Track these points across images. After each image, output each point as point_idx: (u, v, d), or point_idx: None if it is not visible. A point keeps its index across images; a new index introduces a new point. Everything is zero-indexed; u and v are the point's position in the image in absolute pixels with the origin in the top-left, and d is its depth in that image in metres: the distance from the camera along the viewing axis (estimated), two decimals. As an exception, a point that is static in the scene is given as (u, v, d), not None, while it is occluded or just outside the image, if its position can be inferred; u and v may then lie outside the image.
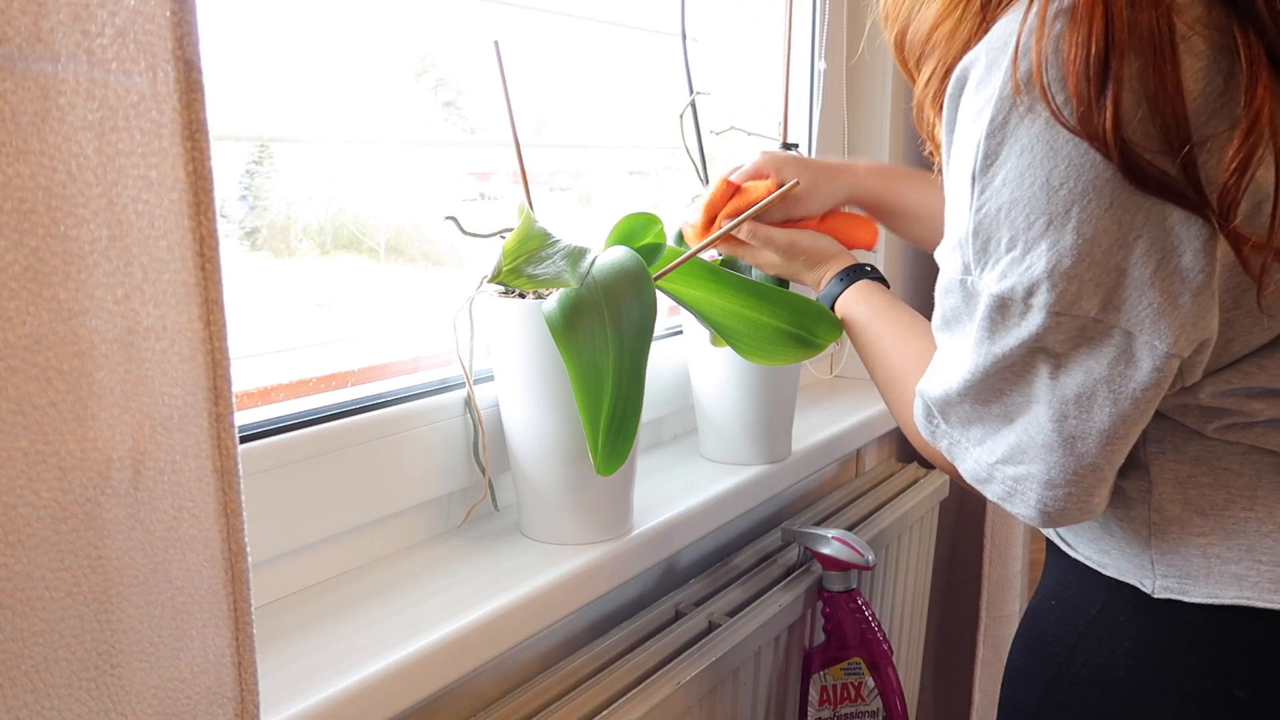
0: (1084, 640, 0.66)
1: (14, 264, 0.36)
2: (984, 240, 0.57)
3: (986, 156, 0.56)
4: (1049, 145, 0.54)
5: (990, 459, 0.62)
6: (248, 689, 0.47)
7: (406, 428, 0.76)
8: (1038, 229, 0.55)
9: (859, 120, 1.35)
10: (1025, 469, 0.59)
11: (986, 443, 0.62)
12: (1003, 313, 0.57)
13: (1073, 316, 0.55)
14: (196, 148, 0.41)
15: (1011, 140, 0.55)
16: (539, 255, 0.71)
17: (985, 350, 0.59)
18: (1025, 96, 0.54)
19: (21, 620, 0.38)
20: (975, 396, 0.61)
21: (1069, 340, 0.56)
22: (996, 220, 0.56)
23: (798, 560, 1.05)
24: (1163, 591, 0.62)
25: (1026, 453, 0.59)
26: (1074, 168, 0.53)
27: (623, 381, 0.67)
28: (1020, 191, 0.55)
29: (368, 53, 0.80)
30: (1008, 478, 0.61)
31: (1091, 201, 0.53)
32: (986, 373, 0.59)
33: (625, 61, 1.07)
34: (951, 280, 0.61)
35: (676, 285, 0.80)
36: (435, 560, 0.76)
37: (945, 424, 0.64)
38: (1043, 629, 0.70)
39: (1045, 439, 0.58)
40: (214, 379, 0.44)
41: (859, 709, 1.04)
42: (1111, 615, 0.65)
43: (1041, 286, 0.55)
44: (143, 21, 0.39)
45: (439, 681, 0.64)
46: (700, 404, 0.99)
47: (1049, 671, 0.68)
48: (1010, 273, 0.56)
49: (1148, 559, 0.62)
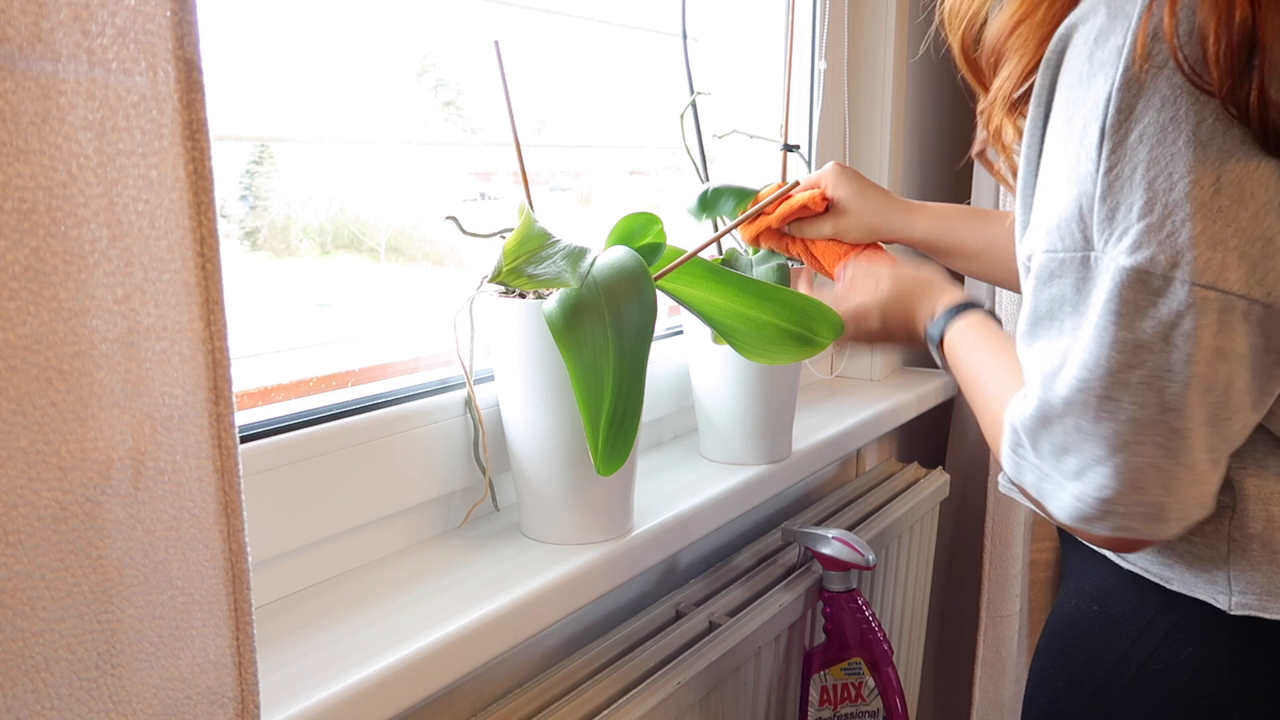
0: (1137, 647, 0.63)
1: (14, 264, 0.36)
2: (1112, 206, 0.51)
3: (1120, 111, 0.50)
4: (1195, 97, 0.49)
5: (1102, 493, 0.53)
6: (248, 689, 0.47)
7: (407, 428, 0.76)
8: (1180, 189, 0.49)
9: (859, 120, 1.35)
10: (1149, 492, 0.52)
11: (1088, 475, 0.54)
12: (1136, 290, 0.50)
13: (1219, 292, 0.49)
14: (197, 147, 0.41)
15: (1150, 92, 0.50)
16: (539, 255, 0.71)
17: (1112, 339, 0.51)
18: (1162, 48, 0.49)
19: (22, 620, 0.38)
20: (1083, 410, 0.53)
21: (1211, 328, 0.50)
22: (1131, 182, 0.50)
23: (798, 560, 1.05)
24: (1240, 609, 0.58)
25: (1154, 473, 0.52)
26: (1223, 123, 0.48)
27: (623, 381, 0.67)
28: (1161, 148, 0.49)
29: (368, 53, 0.80)
30: (1132, 504, 0.53)
31: (1240, 162, 0.48)
32: (1110, 369, 0.52)
33: (625, 61, 1.07)
34: (1062, 261, 0.54)
35: (677, 285, 0.80)
36: (436, 560, 0.76)
37: (1035, 453, 0.57)
38: (1084, 635, 0.67)
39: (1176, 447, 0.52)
40: (214, 379, 0.44)
41: (859, 709, 1.04)
42: (1169, 621, 0.62)
43: (1185, 257, 0.49)
44: (143, 21, 0.39)
45: (439, 681, 0.64)
46: (700, 404, 0.99)
47: (1095, 679, 0.66)
48: (1146, 241, 0.50)
49: (1224, 575, 0.59)
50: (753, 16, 1.22)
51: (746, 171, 1.21)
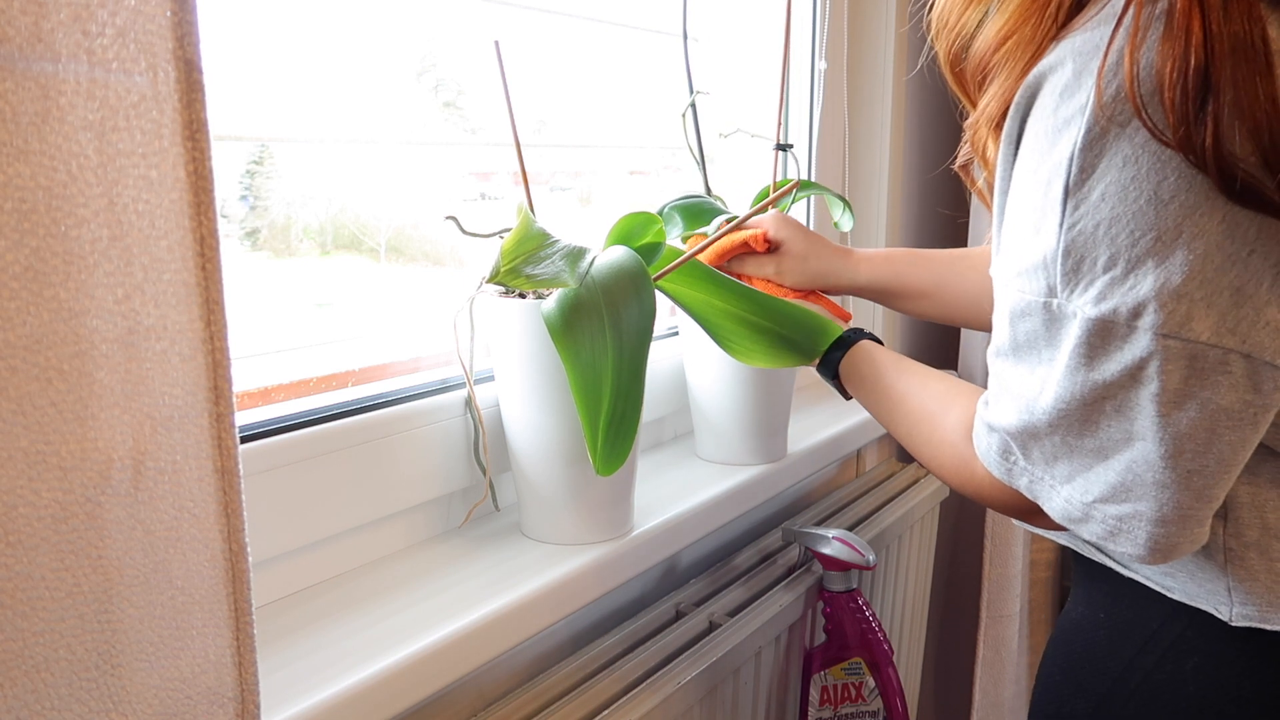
0: (1143, 656, 0.63)
1: (14, 264, 0.36)
2: (1077, 260, 0.53)
3: (1082, 170, 0.52)
4: (1156, 156, 0.50)
5: (1085, 497, 0.56)
6: (248, 689, 0.47)
7: (407, 428, 0.76)
8: (1143, 246, 0.50)
9: (859, 120, 1.35)
10: (1132, 507, 0.54)
11: (1077, 480, 0.56)
12: (1103, 337, 0.52)
13: (1183, 340, 0.50)
14: (197, 148, 0.41)
15: (1112, 152, 0.51)
16: (537, 255, 0.71)
17: (1082, 378, 0.54)
18: (1124, 106, 0.50)
19: (22, 620, 0.38)
20: (1067, 429, 0.55)
21: (1179, 373, 0.51)
22: (1094, 238, 0.52)
23: (798, 560, 1.05)
24: (1241, 620, 0.59)
25: (1133, 490, 0.54)
26: (1184, 179, 0.49)
27: (622, 382, 0.67)
28: (1123, 207, 0.51)
29: (368, 53, 0.80)
30: (1110, 516, 0.55)
31: (1204, 215, 0.49)
32: (1083, 402, 0.54)
33: (626, 61, 1.07)
34: (1030, 303, 0.56)
35: (675, 286, 0.80)
36: (436, 560, 0.76)
37: (1025, 460, 0.59)
38: (1091, 643, 0.67)
39: (1157, 476, 0.53)
40: (214, 379, 0.44)
41: (859, 709, 1.04)
42: (1175, 630, 0.62)
43: (1149, 307, 0.50)
44: (143, 21, 0.39)
45: (439, 681, 0.64)
46: (696, 404, 0.99)
47: (1100, 686, 0.66)
48: (1111, 293, 0.52)
49: (1223, 585, 0.59)
50: (753, 16, 1.22)
51: (747, 171, 1.22)
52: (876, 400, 0.76)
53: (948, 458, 0.66)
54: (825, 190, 1.05)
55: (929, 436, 0.69)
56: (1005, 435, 0.59)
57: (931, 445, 0.68)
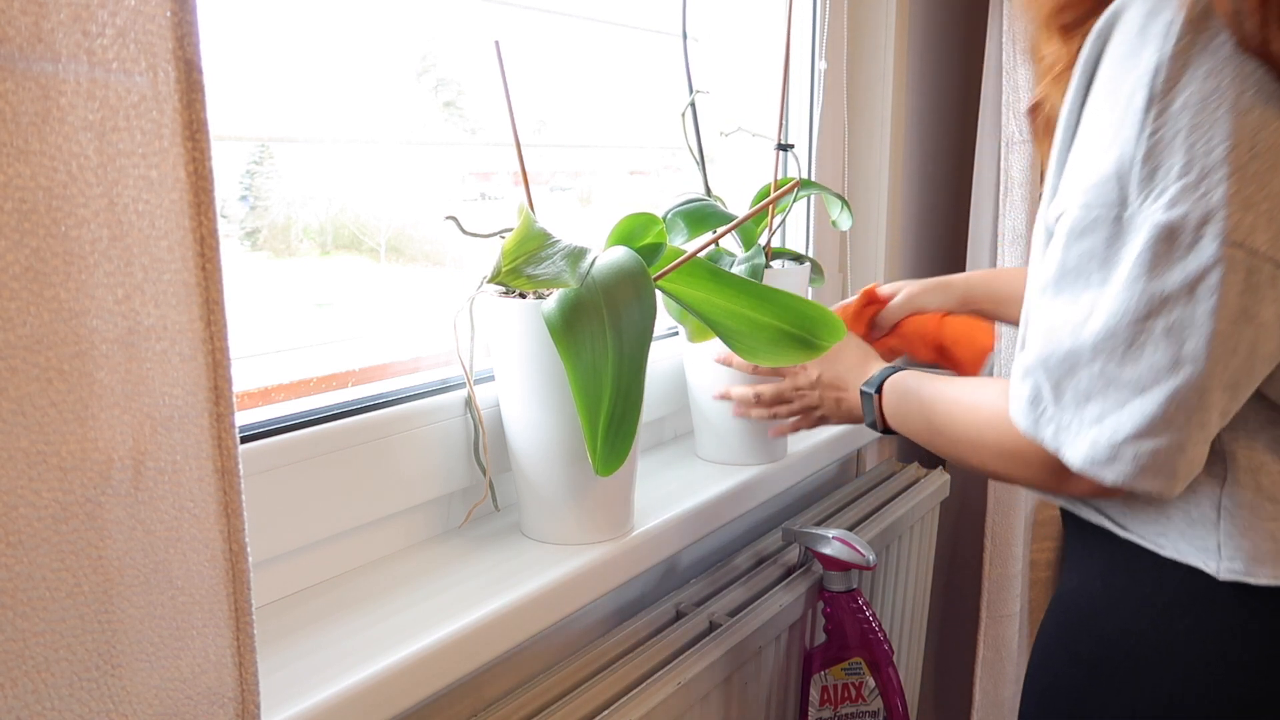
0: (1137, 619, 0.66)
1: (15, 264, 0.36)
2: (1153, 166, 0.55)
3: (1167, 80, 0.54)
4: (1238, 70, 0.53)
5: (1115, 437, 0.57)
6: (248, 689, 0.47)
7: (407, 428, 0.76)
8: (1218, 154, 0.53)
9: (859, 120, 1.35)
10: (1165, 439, 0.56)
11: (1107, 419, 0.58)
12: (1169, 244, 0.55)
13: (1246, 250, 0.53)
14: (197, 148, 0.41)
15: (1196, 64, 0.54)
16: (538, 255, 0.71)
17: (1141, 288, 0.56)
18: (1212, 20, 0.53)
19: (22, 620, 0.38)
20: (1109, 354, 0.57)
21: (1237, 285, 0.54)
22: (1172, 146, 0.54)
23: (798, 560, 1.05)
24: (1228, 574, 0.61)
25: (1171, 422, 0.56)
26: (1263, 94, 0.53)
27: (621, 382, 0.67)
28: (1203, 115, 0.54)
29: (368, 53, 0.80)
30: (1142, 453, 0.57)
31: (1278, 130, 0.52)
32: (1135, 319, 0.56)
33: (625, 61, 1.07)
34: (1096, 217, 0.58)
35: (677, 285, 0.80)
36: (436, 560, 0.76)
37: (1054, 404, 0.60)
38: (1085, 612, 0.70)
39: (1199, 400, 0.55)
40: (214, 379, 0.44)
41: (860, 709, 1.04)
42: (1167, 593, 0.64)
43: (1217, 215, 0.53)
44: (143, 21, 0.39)
45: (439, 681, 0.64)
46: (696, 404, 0.99)
47: (1096, 652, 0.68)
48: (1183, 199, 0.54)
49: (1214, 542, 0.62)
50: (754, 16, 1.22)
51: (748, 171, 1.21)
52: (916, 422, 0.79)
53: (989, 436, 0.68)
54: (825, 190, 1.05)
55: (969, 424, 0.71)
56: (1040, 373, 0.61)
57: (975, 426, 0.70)
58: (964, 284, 1.00)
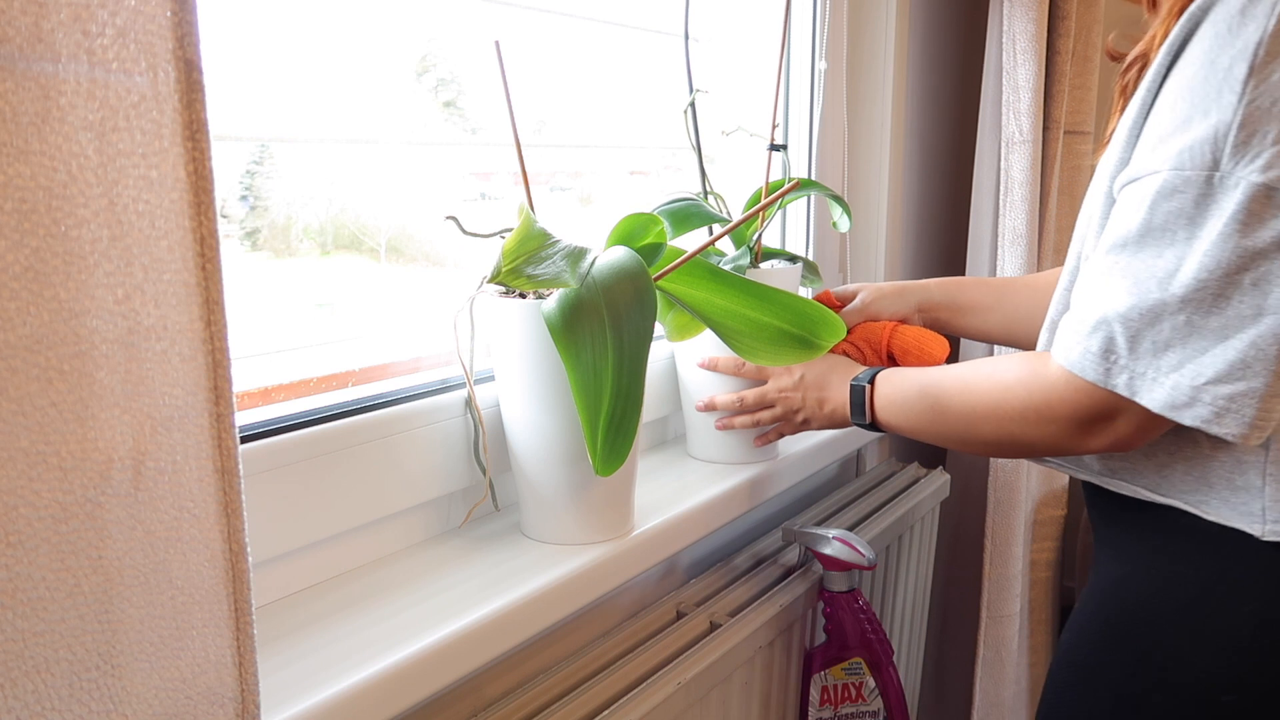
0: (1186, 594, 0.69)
1: (15, 264, 0.36)
2: (1250, 132, 0.60)
3: (1269, 54, 0.59)
4: None
5: (1196, 381, 0.61)
6: (248, 689, 0.47)
7: (407, 428, 0.76)
8: None
9: (859, 120, 1.35)
10: (1246, 385, 0.60)
11: (1187, 366, 0.62)
12: (1263, 203, 0.59)
13: None
14: (197, 148, 0.41)
15: None
16: (539, 255, 0.71)
17: (1233, 245, 0.60)
18: None
19: (22, 621, 0.38)
20: (1197, 305, 0.61)
21: None
22: (1270, 114, 0.59)
23: (799, 560, 1.05)
24: (1273, 535, 0.65)
25: (1251, 367, 0.60)
26: None
27: (622, 382, 0.67)
28: None
29: (368, 53, 0.80)
30: (1220, 397, 0.61)
31: None
32: (1225, 272, 0.60)
33: (626, 61, 1.07)
34: (1186, 179, 0.62)
35: (677, 285, 0.80)
36: (436, 560, 0.76)
37: (1130, 354, 0.64)
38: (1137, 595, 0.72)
39: (1273, 351, 0.60)
40: (215, 379, 0.44)
41: (860, 709, 1.04)
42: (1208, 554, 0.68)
43: None
44: (143, 21, 0.39)
45: (439, 681, 0.64)
46: (692, 404, 0.99)
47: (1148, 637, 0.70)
48: (1278, 163, 0.59)
49: (1259, 505, 0.66)
50: (754, 16, 1.22)
51: (748, 170, 1.21)
52: (918, 415, 0.81)
53: (1014, 397, 0.71)
54: (824, 190, 1.05)
55: (989, 386, 0.74)
56: (1117, 325, 0.64)
57: (995, 393, 0.73)
58: (922, 291, 1.01)
